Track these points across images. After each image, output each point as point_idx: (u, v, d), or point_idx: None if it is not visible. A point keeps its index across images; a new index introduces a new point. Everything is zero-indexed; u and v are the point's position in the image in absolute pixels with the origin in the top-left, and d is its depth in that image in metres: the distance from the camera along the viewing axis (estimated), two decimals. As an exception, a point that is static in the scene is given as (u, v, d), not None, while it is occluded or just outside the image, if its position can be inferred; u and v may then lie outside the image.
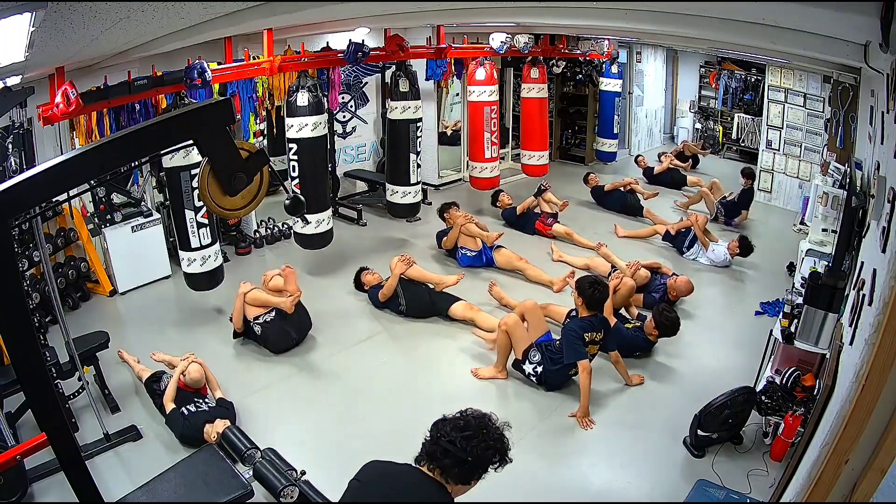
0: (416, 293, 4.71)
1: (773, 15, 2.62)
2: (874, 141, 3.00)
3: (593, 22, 4.66)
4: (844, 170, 4.61)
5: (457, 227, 5.60)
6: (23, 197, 1.58)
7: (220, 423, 3.20)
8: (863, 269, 2.51)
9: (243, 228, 6.21)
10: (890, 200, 1.97)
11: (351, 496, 1.74)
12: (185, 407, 3.36)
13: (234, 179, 2.03)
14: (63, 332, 3.26)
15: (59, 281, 4.74)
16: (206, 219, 4.36)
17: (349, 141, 7.51)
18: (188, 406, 3.36)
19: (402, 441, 1.94)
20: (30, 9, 1.67)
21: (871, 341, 1.74)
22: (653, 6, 3.21)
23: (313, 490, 2.81)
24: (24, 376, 1.71)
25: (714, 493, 2.95)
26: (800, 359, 3.40)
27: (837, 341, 2.58)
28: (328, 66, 5.33)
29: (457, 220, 5.62)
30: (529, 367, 3.79)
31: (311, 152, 4.95)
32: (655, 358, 4.18)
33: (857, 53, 2.73)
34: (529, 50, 6.83)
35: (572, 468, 3.25)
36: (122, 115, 4.43)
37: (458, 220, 5.60)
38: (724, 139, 10.30)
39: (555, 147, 9.61)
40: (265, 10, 3.11)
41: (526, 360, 3.80)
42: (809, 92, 6.99)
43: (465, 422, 1.71)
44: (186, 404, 3.38)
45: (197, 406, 3.38)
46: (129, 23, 2.45)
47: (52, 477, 2.98)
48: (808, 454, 2.32)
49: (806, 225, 5.94)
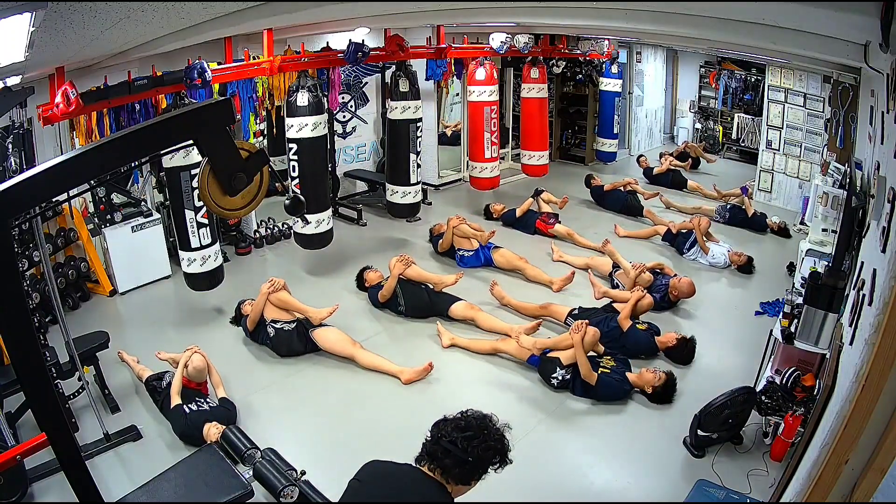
0: (415, 293, 4.71)
1: (773, 15, 2.62)
2: (874, 141, 3.00)
3: (593, 22, 4.65)
4: (844, 170, 4.61)
5: (449, 229, 5.61)
6: (23, 197, 1.58)
7: (219, 424, 3.20)
8: (863, 269, 2.51)
9: (243, 228, 6.21)
10: (890, 200, 1.97)
11: (351, 496, 1.74)
12: (187, 405, 3.36)
13: (234, 179, 2.03)
14: (63, 332, 3.26)
15: (59, 281, 4.74)
16: (206, 219, 4.36)
17: (349, 141, 7.51)
18: (189, 404, 3.36)
19: (402, 441, 1.94)
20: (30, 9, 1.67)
21: (871, 341, 1.74)
22: (653, 6, 3.22)
23: (313, 490, 2.81)
24: (24, 376, 1.71)
25: (714, 493, 2.96)
26: (800, 359, 3.40)
27: (837, 341, 2.58)
28: (328, 66, 5.33)
29: (449, 223, 5.64)
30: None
31: (311, 152, 4.95)
32: (656, 358, 4.18)
33: (857, 53, 2.73)
34: (529, 50, 6.83)
35: (572, 468, 3.25)
36: (122, 115, 4.43)
37: (451, 223, 5.62)
38: (724, 139, 10.30)
39: (555, 147, 9.61)
40: (265, 10, 3.12)
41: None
42: (809, 92, 6.99)
43: (466, 422, 1.71)
44: (188, 402, 3.38)
45: (199, 405, 3.38)
46: (129, 23, 2.45)
47: (52, 477, 2.98)
48: (808, 454, 2.32)
49: (806, 225, 5.93)
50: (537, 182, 7.79)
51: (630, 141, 10.15)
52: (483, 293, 4.92)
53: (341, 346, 4.08)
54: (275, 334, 4.16)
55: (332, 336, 4.13)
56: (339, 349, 4.08)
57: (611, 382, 3.70)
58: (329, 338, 4.12)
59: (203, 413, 3.32)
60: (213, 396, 3.58)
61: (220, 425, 3.22)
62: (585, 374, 3.68)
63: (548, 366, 3.84)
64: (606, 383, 3.70)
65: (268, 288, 4.20)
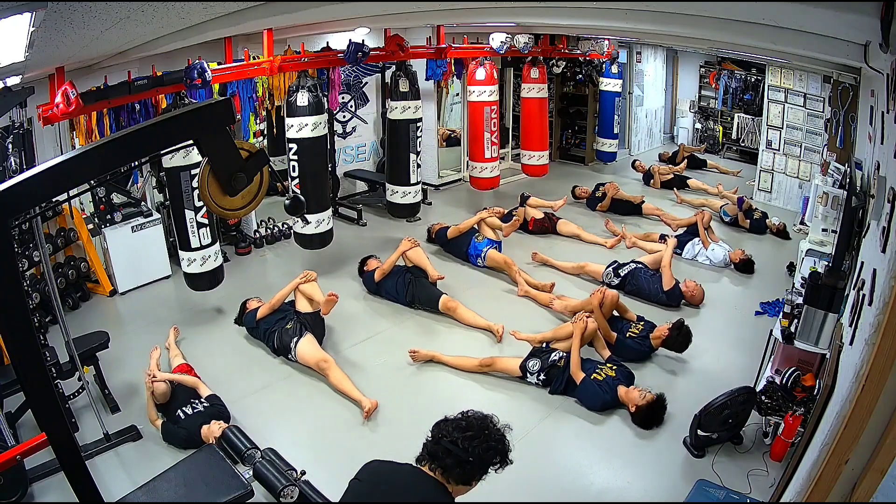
0: (412, 279, 4.83)
1: (773, 15, 2.62)
2: (874, 141, 3.00)
3: (593, 22, 4.66)
4: (844, 170, 4.60)
5: (477, 218, 5.64)
6: (23, 197, 1.58)
7: (216, 426, 3.21)
8: (863, 269, 2.51)
9: (243, 228, 6.21)
10: (890, 200, 1.97)
11: (351, 496, 1.74)
12: (181, 409, 3.36)
13: (234, 179, 2.03)
14: (63, 332, 3.26)
15: (59, 281, 4.74)
16: (206, 219, 4.36)
17: (349, 141, 7.51)
18: (184, 408, 3.37)
19: (402, 441, 1.94)
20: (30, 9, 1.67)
21: (871, 341, 1.74)
22: (653, 6, 3.22)
23: (313, 490, 2.81)
24: (24, 376, 1.71)
25: (714, 493, 2.95)
26: (800, 359, 3.40)
27: (837, 341, 2.58)
28: (328, 66, 5.33)
29: (479, 214, 5.69)
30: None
31: (311, 152, 4.95)
32: (656, 358, 4.18)
33: (857, 53, 2.73)
34: (529, 50, 6.83)
35: (572, 468, 3.25)
36: (122, 115, 4.42)
37: (482, 214, 5.65)
38: (724, 139, 10.30)
39: (555, 147, 9.60)
40: (265, 10, 3.12)
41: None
42: (809, 92, 6.99)
43: (466, 422, 1.71)
44: (182, 406, 3.38)
45: (193, 408, 3.38)
46: (129, 23, 2.45)
47: (52, 477, 2.98)
48: (808, 454, 2.32)
49: (806, 225, 5.93)
50: (537, 182, 7.81)
51: (630, 141, 10.15)
52: (488, 287, 5.02)
53: (314, 360, 3.95)
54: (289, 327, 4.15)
55: (308, 350, 4.01)
56: (312, 363, 3.96)
57: (595, 390, 3.57)
58: (306, 351, 4.01)
59: (197, 416, 3.33)
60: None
61: (221, 422, 3.22)
62: (574, 368, 3.67)
63: (528, 358, 3.87)
64: (590, 390, 3.58)
65: (301, 278, 4.26)
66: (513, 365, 3.89)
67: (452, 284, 5.04)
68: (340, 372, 3.86)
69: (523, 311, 4.82)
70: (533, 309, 4.88)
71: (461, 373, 4.03)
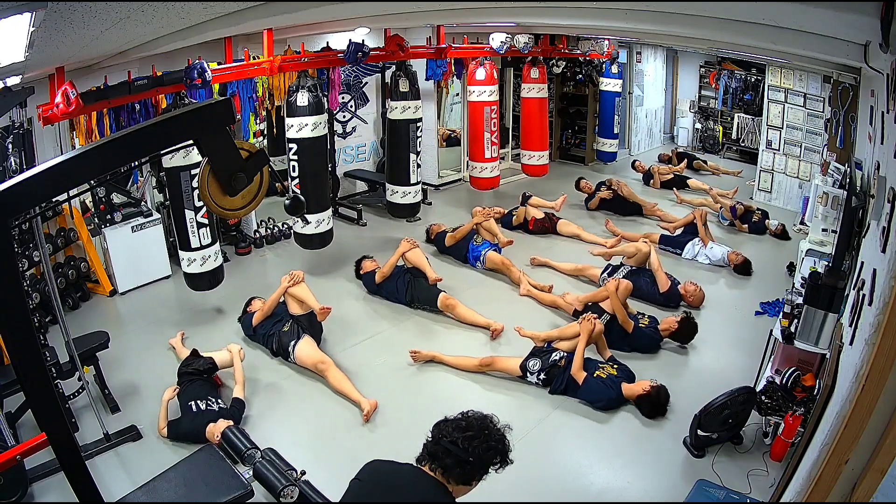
0: (411, 279, 4.83)
1: (773, 15, 2.62)
2: (874, 141, 3.00)
3: (593, 22, 4.66)
4: (844, 170, 4.60)
5: (472, 223, 5.62)
6: (23, 197, 1.58)
7: (222, 423, 3.20)
8: (863, 269, 2.51)
9: (243, 228, 6.21)
10: (890, 200, 1.97)
11: (352, 495, 1.74)
12: (196, 402, 3.36)
13: (234, 179, 2.03)
14: (63, 332, 3.26)
15: (59, 281, 4.74)
16: (206, 219, 4.36)
17: (349, 141, 7.51)
18: (199, 402, 3.37)
19: (402, 441, 1.94)
20: (30, 9, 1.67)
21: (871, 341, 1.74)
22: (653, 6, 3.22)
23: (313, 490, 2.81)
24: (24, 376, 1.71)
25: (714, 493, 2.95)
26: (800, 359, 3.40)
27: (837, 341, 2.58)
28: (328, 66, 5.33)
29: (474, 217, 5.65)
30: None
31: (311, 152, 4.95)
32: (656, 358, 4.18)
33: (857, 53, 2.73)
34: (529, 50, 6.83)
35: (572, 468, 3.25)
36: (122, 115, 4.42)
37: (477, 217, 5.61)
38: (724, 139, 10.30)
39: (555, 147, 9.60)
40: (265, 10, 3.12)
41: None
42: (809, 92, 6.99)
43: (466, 422, 1.71)
44: (197, 399, 3.38)
45: (208, 405, 3.37)
46: (129, 23, 2.45)
47: (52, 477, 2.98)
48: (808, 454, 2.32)
49: (806, 225, 5.93)
50: (537, 182, 7.81)
51: (630, 141, 10.15)
52: (488, 287, 5.03)
53: (312, 362, 3.95)
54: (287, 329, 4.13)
55: (307, 351, 4.00)
56: (311, 365, 3.96)
57: (600, 387, 3.61)
58: (305, 353, 3.99)
59: (209, 413, 3.32)
60: (224, 398, 3.58)
61: (223, 422, 3.22)
62: (576, 368, 3.67)
63: (528, 358, 3.88)
64: (595, 387, 3.62)
65: (288, 281, 4.17)
66: (513, 365, 3.90)
67: (452, 285, 5.05)
68: (339, 373, 3.85)
69: (524, 311, 4.82)
70: (533, 309, 4.89)
71: (461, 373, 4.03)
